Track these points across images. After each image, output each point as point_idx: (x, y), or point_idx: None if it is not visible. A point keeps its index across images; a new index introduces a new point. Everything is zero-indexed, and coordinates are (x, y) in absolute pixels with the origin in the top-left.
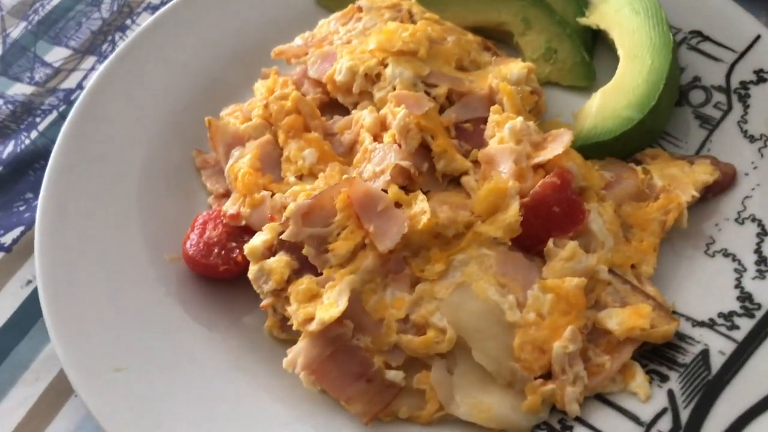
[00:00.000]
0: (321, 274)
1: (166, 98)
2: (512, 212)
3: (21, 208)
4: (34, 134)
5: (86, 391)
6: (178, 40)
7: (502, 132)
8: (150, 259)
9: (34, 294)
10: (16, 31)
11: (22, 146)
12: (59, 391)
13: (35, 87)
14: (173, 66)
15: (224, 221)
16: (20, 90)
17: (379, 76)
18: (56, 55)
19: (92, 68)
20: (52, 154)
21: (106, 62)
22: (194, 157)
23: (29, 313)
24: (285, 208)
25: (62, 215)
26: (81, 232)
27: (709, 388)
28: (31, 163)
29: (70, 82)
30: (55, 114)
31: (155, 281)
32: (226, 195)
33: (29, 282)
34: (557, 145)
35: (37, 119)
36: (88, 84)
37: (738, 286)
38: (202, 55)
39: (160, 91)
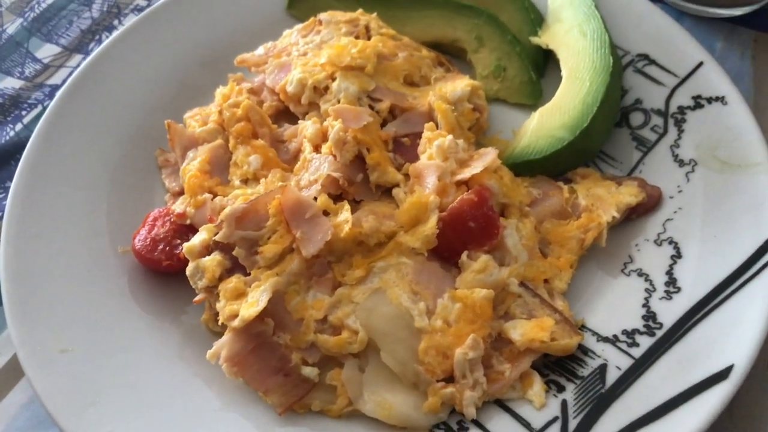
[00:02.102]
0: (249, 274)
1: (137, 100)
2: (430, 225)
3: (0, 196)
4: (18, 126)
5: (31, 369)
6: (152, 44)
7: (432, 149)
8: (106, 251)
9: None
10: (13, 26)
11: (7, 138)
12: (17, 368)
13: (24, 81)
14: (146, 69)
15: (172, 219)
16: (10, 84)
17: (327, 89)
18: (47, 51)
19: (78, 66)
20: (27, 148)
21: (84, 63)
22: (157, 156)
23: None
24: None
25: (30, 206)
26: (46, 223)
27: (600, 400)
28: (14, 153)
29: (57, 79)
30: (39, 108)
31: (108, 272)
32: (182, 193)
33: None
34: (479, 163)
35: (23, 112)
36: (66, 83)
37: (645, 305)
38: (174, 60)
39: (133, 93)
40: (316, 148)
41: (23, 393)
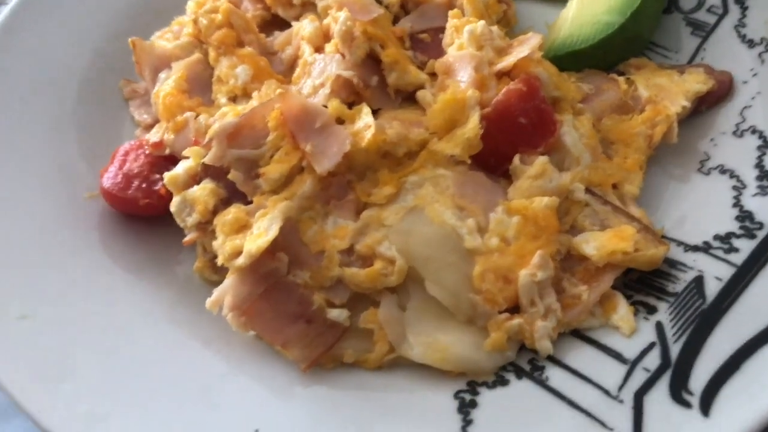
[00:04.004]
0: (251, 202)
1: (93, 27)
2: (472, 126)
3: None
4: None
5: None
6: None
7: (462, 37)
8: (69, 198)
9: None
10: None
11: None
12: None
13: None
14: None
15: (147, 151)
16: None
17: None
18: None
19: None
20: None
21: None
22: (122, 87)
23: None
24: None
25: None
26: None
27: (703, 318)
28: None
29: None
30: None
31: (73, 222)
32: (155, 125)
33: None
34: (524, 48)
35: None
36: (3, 14)
37: (737, 204)
38: None
39: (87, 20)
40: (317, 50)
41: None
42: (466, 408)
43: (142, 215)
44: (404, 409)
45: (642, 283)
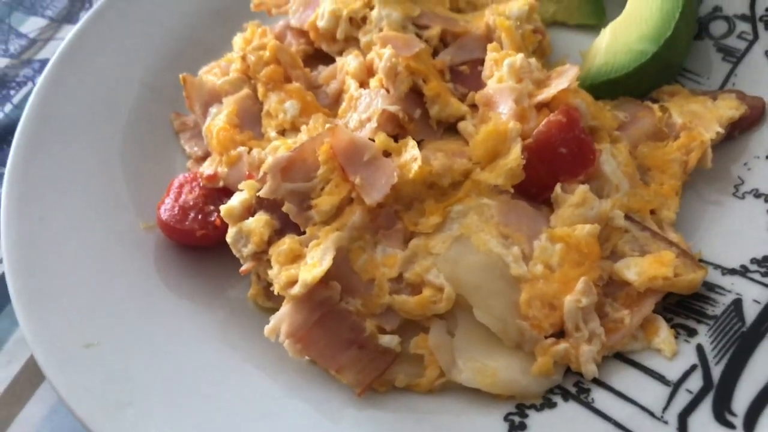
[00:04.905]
0: (304, 233)
1: (141, 61)
2: (514, 156)
3: None
4: (8, 107)
5: (52, 369)
6: None
7: (501, 70)
8: (124, 229)
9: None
10: None
11: None
12: (33, 374)
13: (10, 59)
14: (148, 26)
15: (201, 183)
16: None
17: (365, 19)
18: (32, 25)
19: None
20: (19, 126)
21: (76, 27)
22: (172, 120)
23: (0, 294)
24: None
25: (29, 189)
26: (51, 205)
27: (743, 340)
28: (5, 136)
29: (46, 53)
30: (30, 86)
31: (130, 252)
32: (205, 158)
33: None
34: (562, 80)
35: (11, 92)
36: (58, 50)
37: None
38: (181, 11)
39: (135, 54)
40: (362, 85)
41: (43, 403)
42: (516, 430)
43: (197, 246)
44: (455, 431)
45: (682, 306)
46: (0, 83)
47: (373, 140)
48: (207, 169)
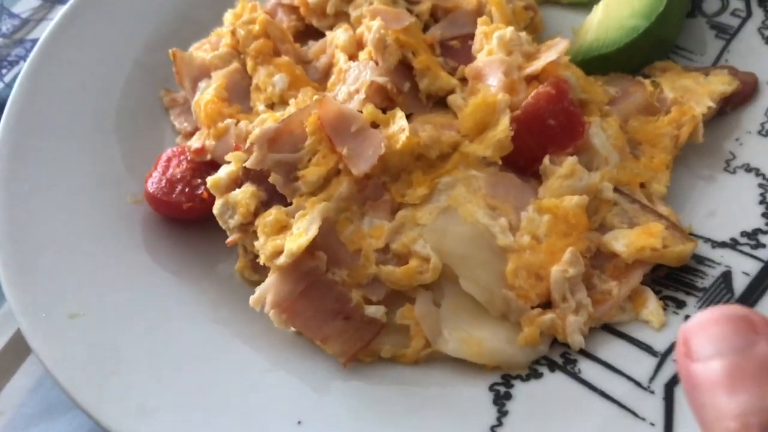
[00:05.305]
0: (291, 204)
1: (131, 39)
2: (502, 128)
3: None
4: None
5: (36, 340)
6: None
7: (491, 43)
8: (113, 202)
9: None
10: None
11: None
12: (19, 347)
13: (2, 39)
14: (140, 4)
15: (189, 157)
16: None
17: None
18: (24, 5)
19: None
20: (9, 101)
21: (68, 4)
22: (162, 96)
23: None
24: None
25: (19, 162)
26: (39, 179)
27: None
28: None
29: (38, 33)
30: (21, 65)
31: (117, 225)
32: (194, 133)
33: None
34: (551, 53)
35: (3, 70)
36: (50, 26)
37: (763, 201)
38: None
39: (127, 33)
40: (351, 58)
41: (29, 377)
42: (501, 400)
43: (184, 219)
44: (441, 402)
45: (671, 279)
46: None
47: (361, 112)
48: (195, 142)
